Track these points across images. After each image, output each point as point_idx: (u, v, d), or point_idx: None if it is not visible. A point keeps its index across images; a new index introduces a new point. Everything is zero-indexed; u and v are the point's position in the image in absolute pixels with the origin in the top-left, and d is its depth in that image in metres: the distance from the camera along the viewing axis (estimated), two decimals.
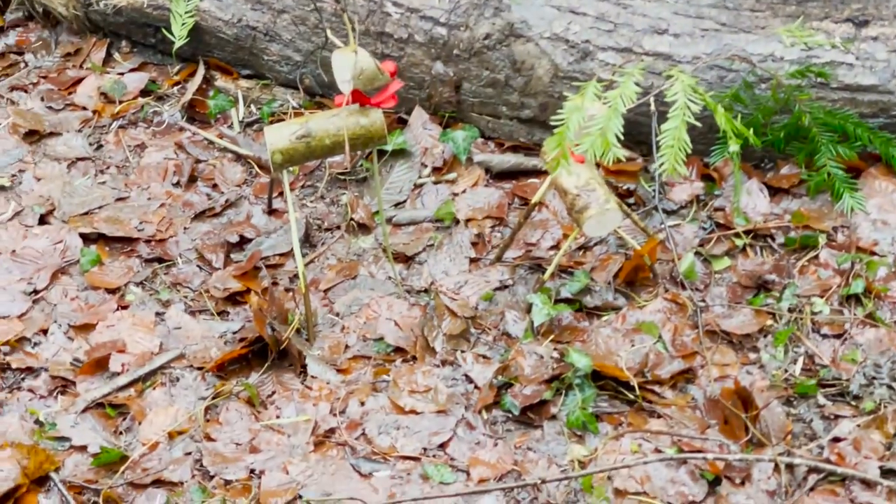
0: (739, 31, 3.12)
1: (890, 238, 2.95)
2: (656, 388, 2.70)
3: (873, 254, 2.92)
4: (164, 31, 3.52)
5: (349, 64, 2.69)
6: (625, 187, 3.13)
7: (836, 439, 2.55)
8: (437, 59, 3.30)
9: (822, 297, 2.84)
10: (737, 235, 3.01)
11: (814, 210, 3.04)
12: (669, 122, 2.43)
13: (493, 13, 3.24)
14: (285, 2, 3.42)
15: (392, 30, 3.33)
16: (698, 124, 2.44)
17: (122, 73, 3.63)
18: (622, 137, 2.42)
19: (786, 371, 2.72)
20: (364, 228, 3.14)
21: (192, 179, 3.30)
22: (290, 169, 3.21)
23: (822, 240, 2.96)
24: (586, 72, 3.14)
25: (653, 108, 2.86)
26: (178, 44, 3.48)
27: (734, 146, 2.50)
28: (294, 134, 2.75)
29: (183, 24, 3.48)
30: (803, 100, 2.98)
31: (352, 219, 3.15)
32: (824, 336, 2.77)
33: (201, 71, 3.56)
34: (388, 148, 3.29)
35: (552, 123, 2.48)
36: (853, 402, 2.63)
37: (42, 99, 3.56)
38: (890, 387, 2.63)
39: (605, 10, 3.20)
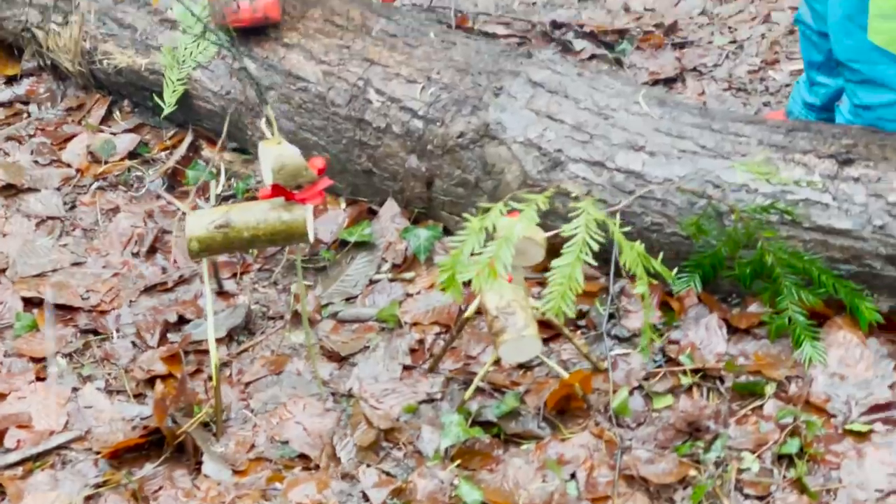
0: (718, 156, 2.94)
1: (845, 396, 2.73)
2: None
3: (822, 411, 2.70)
4: (155, 96, 3.48)
5: (270, 157, 2.60)
6: (577, 308, 2.96)
7: None
8: (411, 152, 3.20)
9: (754, 452, 2.63)
10: (683, 373, 2.82)
11: (771, 355, 2.84)
12: (563, 258, 2.27)
13: (470, 111, 3.12)
14: (273, 79, 3.36)
15: (371, 118, 3.24)
16: (631, 246, 2.28)
17: (116, 133, 3.61)
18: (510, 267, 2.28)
19: None
20: (308, 322, 3.04)
21: (153, 250, 3.25)
22: (250, 251, 3.15)
23: (771, 389, 2.76)
24: (554, 182, 3.00)
25: (614, 229, 2.70)
26: (166, 111, 3.43)
27: (641, 287, 2.33)
28: (213, 223, 2.67)
29: (174, 91, 3.44)
30: (766, 237, 2.79)
31: (296, 310, 3.05)
32: (746, 496, 2.56)
33: (188, 139, 3.52)
34: (352, 239, 3.20)
35: (450, 244, 2.35)
36: None
37: (32, 152, 3.56)
38: None
39: (584, 119, 3.05)
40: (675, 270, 2.87)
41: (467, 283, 2.34)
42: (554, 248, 2.55)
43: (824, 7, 3.05)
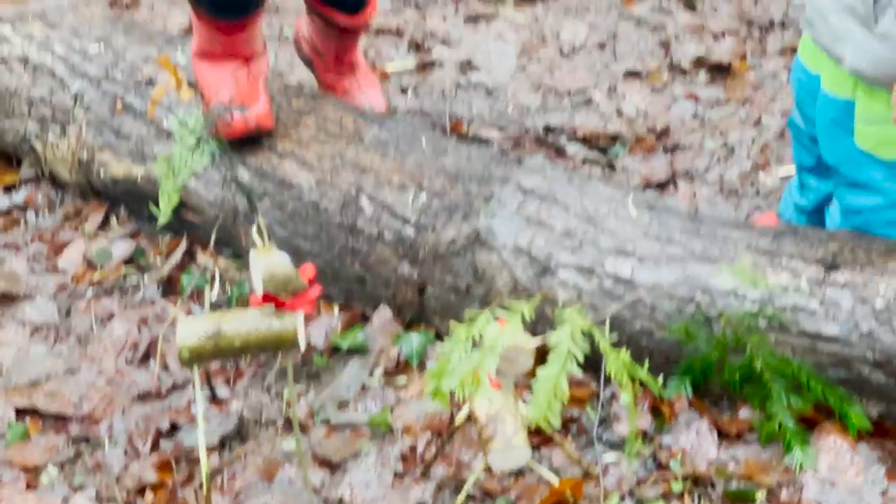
0: (707, 261, 2.96)
1: (836, 502, 2.72)
2: None
3: None
4: (151, 204, 3.53)
5: (261, 265, 2.63)
6: (568, 414, 2.97)
7: None
8: (403, 258, 3.23)
9: None
10: (675, 479, 2.82)
11: (762, 461, 2.84)
12: (548, 368, 2.29)
13: (461, 218, 3.16)
14: (266, 187, 3.40)
15: (363, 225, 3.27)
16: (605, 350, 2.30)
17: (112, 240, 3.64)
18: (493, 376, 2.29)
19: None
20: (300, 428, 3.05)
21: (146, 357, 3.26)
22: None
23: (762, 495, 2.75)
24: (544, 288, 3.02)
25: (603, 337, 2.72)
26: (161, 219, 3.49)
27: (626, 397, 2.34)
28: (204, 331, 2.68)
29: (169, 200, 3.48)
30: (755, 342, 2.80)
31: (288, 417, 3.06)
32: None
33: (183, 246, 3.55)
34: (345, 345, 3.22)
35: (438, 353, 2.36)
36: None
37: (28, 260, 3.59)
38: None
39: (574, 225, 3.08)
40: (662, 376, 2.89)
41: None
42: (543, 355, 2.57)
43: (814, 111, 3.09)
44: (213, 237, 3.14)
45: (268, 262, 2.63)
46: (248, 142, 3.42)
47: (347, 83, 3.73)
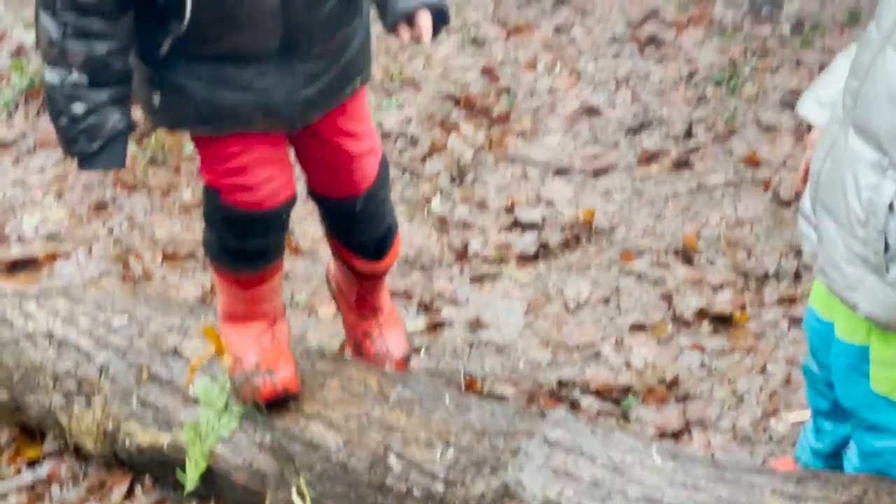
0: None
1: None
2: None
3: None
4: (178, 472, 3.56)
5: None
6: None
7: None
8: None
9: None
10: None
11: None
12: None
13: (490, 472, 3.21)
14: (294, 448, 3.45)
15: (392, 483, 3.32)
16: None
17: None
18: None
19: None
20: None
21: None
22: None
23: None
24: None
25: None
26: (188, 487, 3.52)
27: None
28: None
29: (196, 466, 3.52)
30: None
31: None
32: None
33: None
34: None
35: None
36: None
37: None
38: None
39: (601, 476, 3.14)
40: None
41: None
42: None
43: (828, 357, 3.19)
44: None
45: None
46: (274, 405, 3.49)
47: (368, 326, 3.82)
